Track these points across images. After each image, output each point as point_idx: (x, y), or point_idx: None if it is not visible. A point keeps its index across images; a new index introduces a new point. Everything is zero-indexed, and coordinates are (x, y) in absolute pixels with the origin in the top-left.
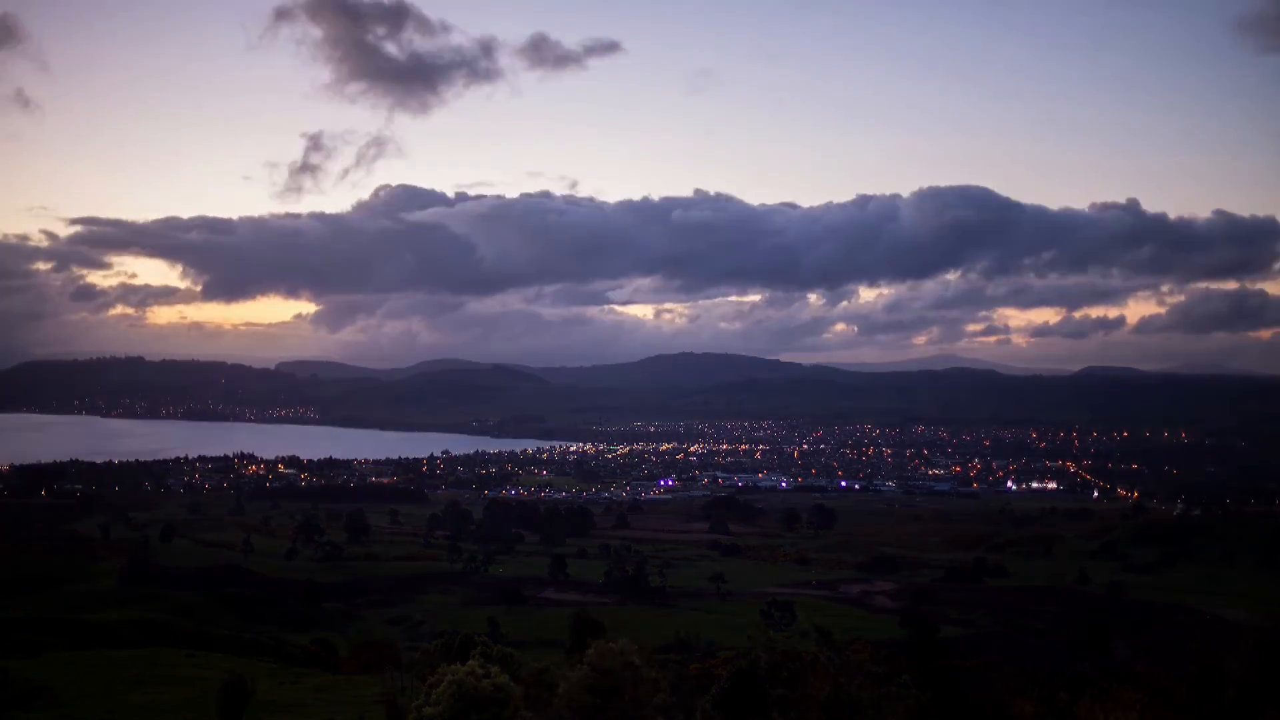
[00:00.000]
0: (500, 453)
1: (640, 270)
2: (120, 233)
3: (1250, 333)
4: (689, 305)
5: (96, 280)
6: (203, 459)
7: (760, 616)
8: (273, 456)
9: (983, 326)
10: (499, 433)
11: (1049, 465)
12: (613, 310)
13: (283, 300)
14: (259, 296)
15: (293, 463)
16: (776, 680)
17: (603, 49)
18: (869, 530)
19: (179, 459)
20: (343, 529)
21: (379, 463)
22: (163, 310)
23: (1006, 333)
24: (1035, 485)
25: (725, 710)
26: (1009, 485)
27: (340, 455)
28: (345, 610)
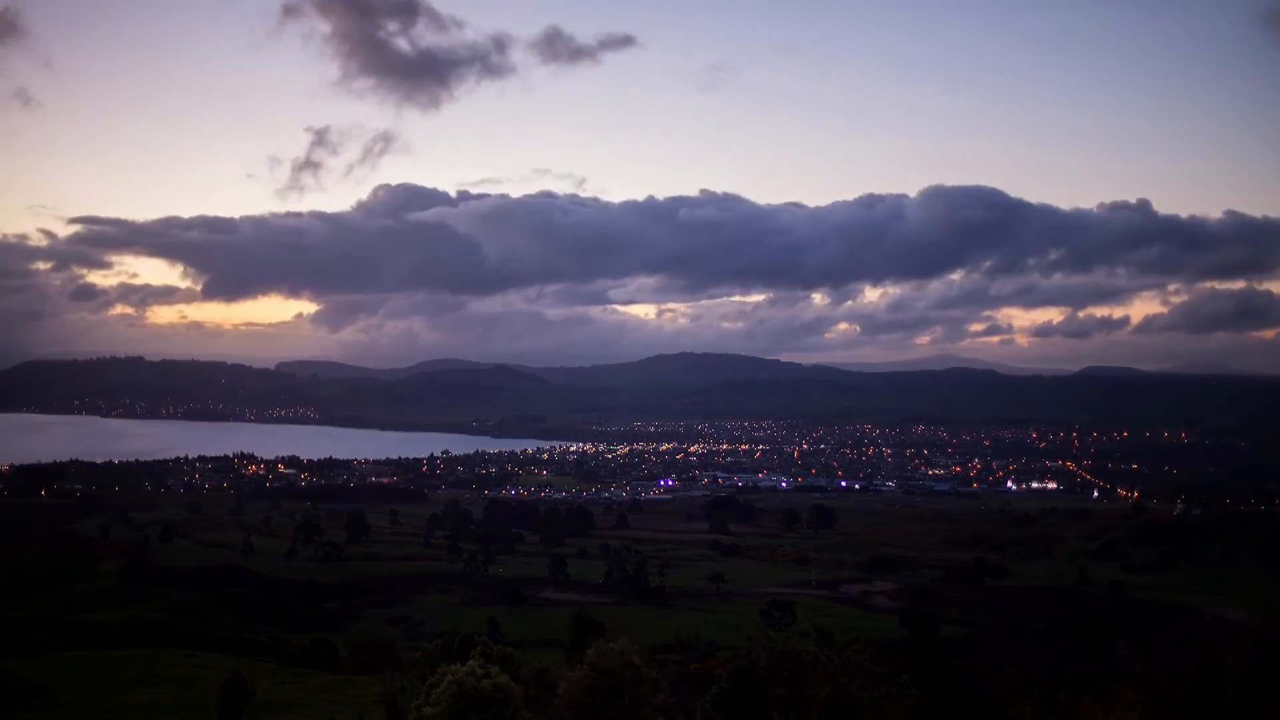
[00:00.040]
0: (500, 453)
1: (644, 270)
2: (120, 232)
3: (1254, 333)
4: (691, 305)
5: (96, 280)
6: (203, 459)
7: (760, 616)
8: (273, 456)
9: (985, 326)
10: (499, 433)
11: (1049, 465)
12: (614, 310)
13: (283, 300)
14: (259, 296)
15: (293, 463)
16: (776, 680)
17: (616, 43)
18: (869, 530)
19: (179, 459)
20: (343, 529)
21: (379, 463)
22: (163, 310)
23: (1009, 332)
24: (1035, 485)
25: (725, 710)
26: (1009, 485)
27: (340, 455)
28: (345, 610)
